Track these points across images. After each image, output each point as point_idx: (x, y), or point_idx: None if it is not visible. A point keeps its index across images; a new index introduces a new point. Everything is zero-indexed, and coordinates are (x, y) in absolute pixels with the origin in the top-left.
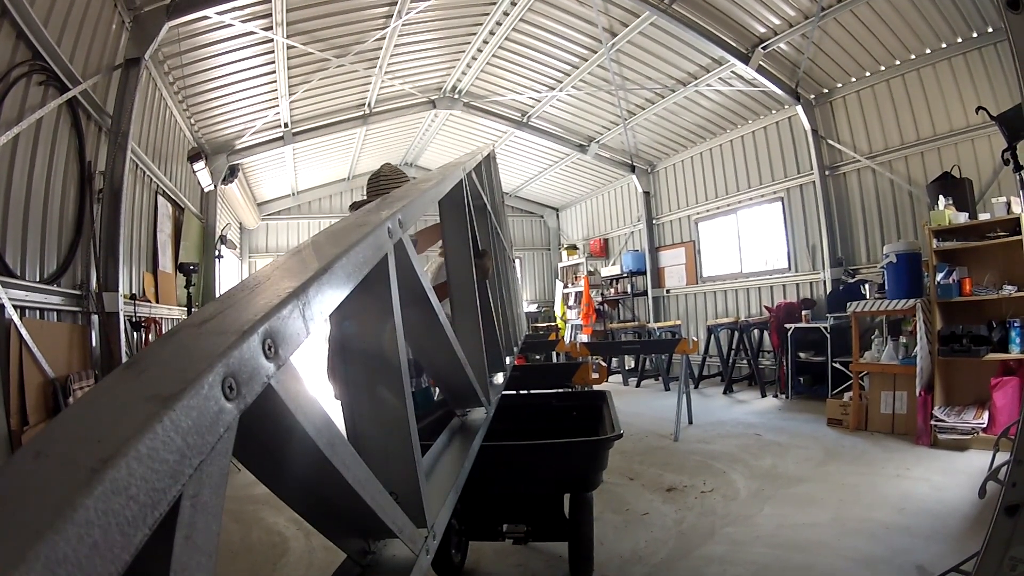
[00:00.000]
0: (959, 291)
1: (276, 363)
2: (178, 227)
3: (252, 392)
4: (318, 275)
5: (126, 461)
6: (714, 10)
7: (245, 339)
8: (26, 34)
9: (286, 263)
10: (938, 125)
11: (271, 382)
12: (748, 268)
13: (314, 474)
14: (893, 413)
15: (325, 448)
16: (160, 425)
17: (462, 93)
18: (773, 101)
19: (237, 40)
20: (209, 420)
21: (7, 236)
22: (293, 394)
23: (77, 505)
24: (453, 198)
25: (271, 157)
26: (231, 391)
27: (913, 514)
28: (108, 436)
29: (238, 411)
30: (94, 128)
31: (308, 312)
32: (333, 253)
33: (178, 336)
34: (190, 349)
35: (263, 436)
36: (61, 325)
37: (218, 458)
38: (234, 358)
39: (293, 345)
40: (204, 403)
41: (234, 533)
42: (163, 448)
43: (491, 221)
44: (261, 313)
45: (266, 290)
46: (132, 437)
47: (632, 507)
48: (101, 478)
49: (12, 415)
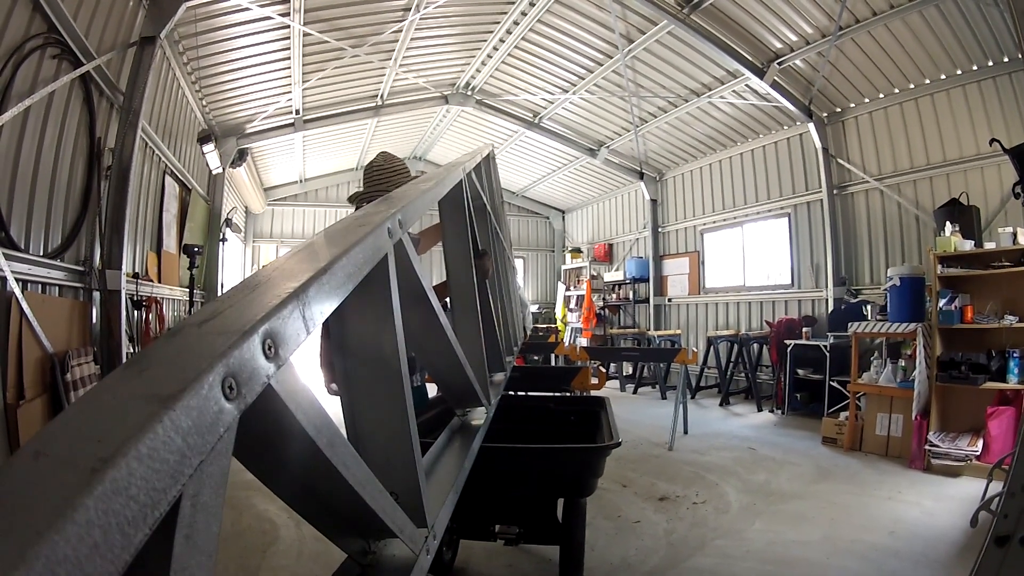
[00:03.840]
0: (960, 318)
1: (276, 363)
2: (184, 208)
3: (252, 392)
4: (318, 275)
5: (126, 461)
6: (732, 23)
7: (245, 339)
8: (42, 6)
9: (286, 263)
10: (948, 151)
11: (271, 382)
12: (751, 282)
13: (314, 474)
14: (888, 435)
15: (325, 448)
16: (160, 425)
17: (475, 90)
18: (785, 117)
19: (253, 24)
20: (209, 420)
21: (13, 209)
22: (293, 394)
23: (77, 505)
24: (453, 198)
25: (281, 143)
26: (231, 391)
27: (903, 537)
28: (108, 436)
29: (238, 411)
30: (106, 105)
31: (308, 312)
32: (333, 253)
33: (178, 336)
34: (190, 349)
35: (263, 436)
36: (62, 300)
37: (218, 458)
38: (234, 358)
39: (293, 345)
40: (204, 403)
41: (224, 518)
42: (163, 448)
43: (491, 221)
44: (261, 313)
45: (266, 290)
46: (132, 437)
47: (624, 514)
48: (101, 478)
49: (9, 388)
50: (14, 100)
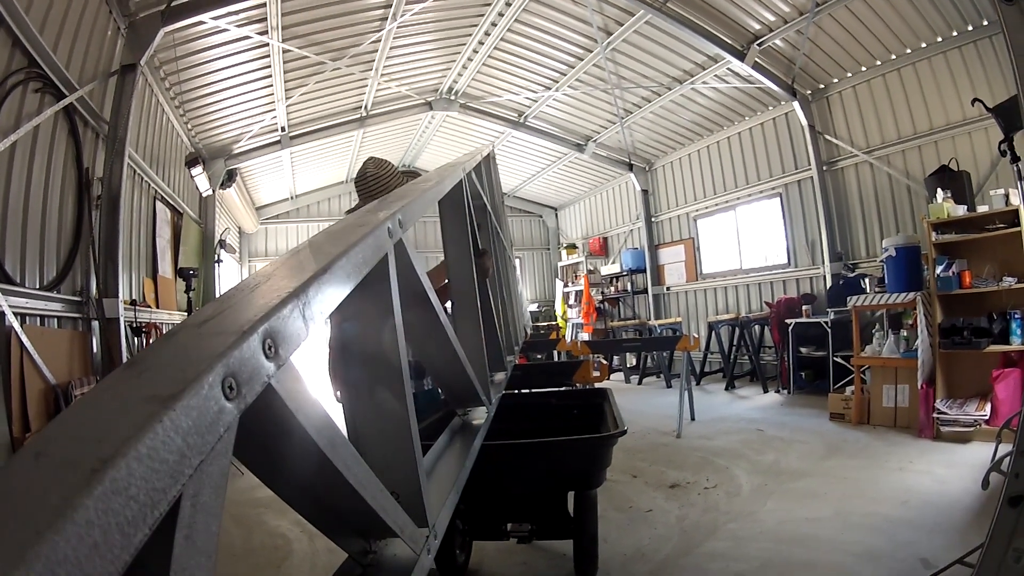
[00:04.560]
0: (959, 284)
1: (276, 363)
2: (177, 232)
3: (252, 392)
4: (318, 275)
5: (126, 461)
6: (709, 7)
7: (245, 339)
8: (21, 41)
9: (286, 263)
10: (935, 119)
11: (271, 382)
12: (748, 264)
13: (315, 474)
14: (895, 406)
15: (326, 448)
16: (160, 425)
17: (458, 94)
18: (770, 97)
19: (233, 45)
20: (209, 420)
21: (6, 244)
22: (293, 394)
23: (77, 505)
24: (453, 198)
25: (269, 161)
26: (231, 391)
27: (916, 507)
28: (108, 436)
29: (238, 411)
30: (91, 135)
31: (308, 312)
32: (333, 253)
33: (178, 336)
34: (190, 349)
35: (263, 436)
36: (62, 332)
37: (218, 458)
38: (234, 358)
39: (293, 345)
40: (204, 403)
41: (236, 536)
42: (163, 448)
43: (491, 221)
44: (261, 313)
45: (266, 290)
46: (132, 437)
47: (635, 504)
48: (101, 478)
49: (14, 421)
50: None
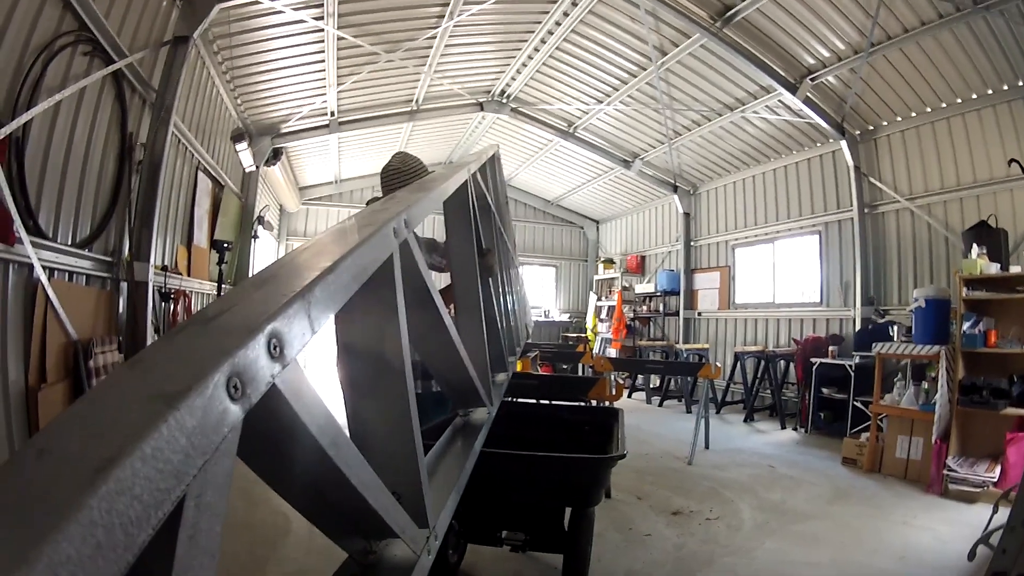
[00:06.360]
0: (984, 342)
1: (281, 363)
2: (216, 203)
3: (257, 392)
4: (324, 275)
5: (130, 461)
6: (764, 37)
7: (250, 339)
8: (73, 5)
9: (291, 262)
10: (979, 172)
11: (276, 382)
12: (780, 299)
13: (317, 474)
14: (907, 458)
15: (329, 448)
16: (165, 425)
17: (510, 98)
18: (818, 134)
19: (287, 27)
20: (214, 420)
21: (42, 199)
22: (297, 394)
23: (81, 505)
24: (458, 198)
25: (316, 143)
26: (236, 391)
27: (912, 564)
28: (112, 435)
29: (243, 411)
30: (138, 101)
31: (313, 312)
32: (339, 253)
33: (183, 334)
34: (195, 348)
35: (267, 436)
36: (89, 289)
37: (222, 458)
38: (239, 358)
39: (298, 345)
40: (209, 403)
41: (239, 509)
42: (168, 448)
43: (495, 221)
44: (266, 313)
45: (272, 289)
46: (137, 437)
47: (635, 527)
48: (105, 477)
49: (31, 372)
50: (45, 94)
